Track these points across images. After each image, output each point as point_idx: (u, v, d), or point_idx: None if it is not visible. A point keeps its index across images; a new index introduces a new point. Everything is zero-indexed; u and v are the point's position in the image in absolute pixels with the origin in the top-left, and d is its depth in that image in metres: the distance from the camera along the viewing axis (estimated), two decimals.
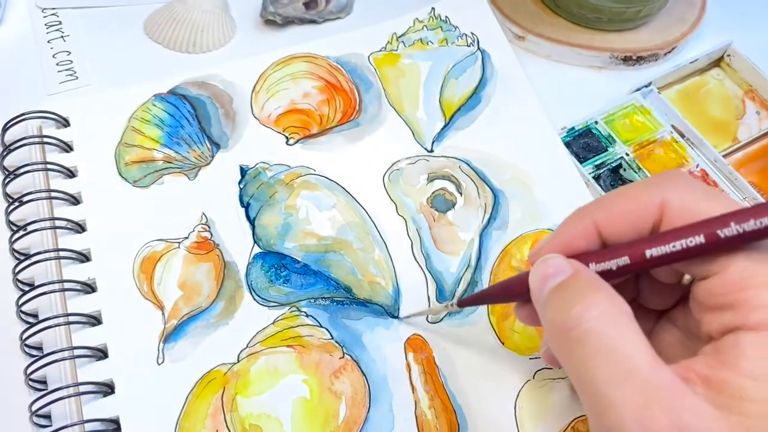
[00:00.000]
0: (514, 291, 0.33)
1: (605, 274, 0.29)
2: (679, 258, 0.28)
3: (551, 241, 0.31)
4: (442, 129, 0.49)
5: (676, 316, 0.33)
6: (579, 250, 0.30)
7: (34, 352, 0.39)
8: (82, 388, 0.37)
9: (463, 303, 0.37)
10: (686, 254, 0.27)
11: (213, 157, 0.46)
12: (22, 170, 0.44)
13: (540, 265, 0.30)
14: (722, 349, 0.26)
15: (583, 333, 0.26)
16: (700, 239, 0.27)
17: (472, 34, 0.53)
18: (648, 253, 0.28)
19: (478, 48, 0.53)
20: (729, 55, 0.53)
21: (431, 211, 0.45)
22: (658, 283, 0.33)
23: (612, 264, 0.29)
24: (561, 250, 0.30)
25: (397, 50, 0.52)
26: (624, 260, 0.29)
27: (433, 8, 0.55)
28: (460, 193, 0.46)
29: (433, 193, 0.46)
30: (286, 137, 0.48)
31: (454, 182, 0.46)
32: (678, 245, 0.27)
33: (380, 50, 0.52)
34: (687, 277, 0.31)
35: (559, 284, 0.28)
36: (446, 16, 0.54)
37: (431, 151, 0.48)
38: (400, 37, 0.53)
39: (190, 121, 0.48)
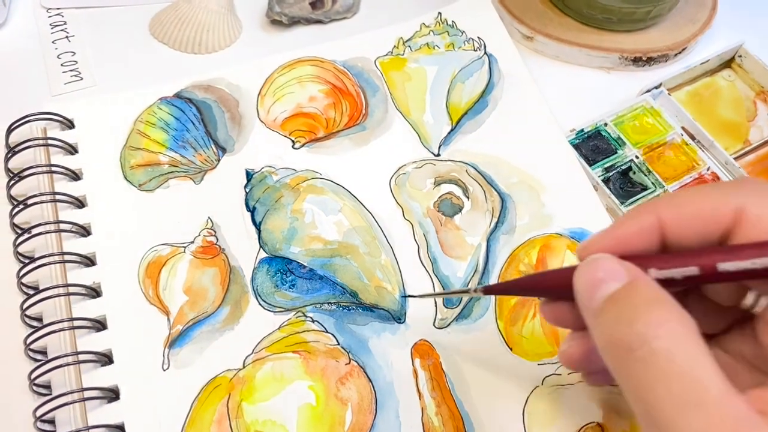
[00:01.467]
0: (549, 287, 0.30)
1: (663, 284, 0.25)
2: (755, 276, 0.24)
3: (606, 234, 0.28)
4: (449, 133, 0.48)
5: (728, 341, 0.30)
6: (635, 249, 0.27)
7: (39, 357, 0.39)
8: (87, 394, 0.37)
9: (489, 290, 0.33)
10: (766, 273, 0.24)
11: (219, 160, 0.46)
12: (26, 172, 0.43)
13: (589, 266, 0.27)
14: None
15: (649, 354, 0.23)
16: None
17: (479, 38, 0.53)
18: (721, 266, 0.25)
19: (485, 52, 0.52)
20: (740, 56, 0.52)
21: (438, 216, 0.45)
22: (712, 303, 0.29)
23: (676, 273, 0.26)
24: (615, 246, 0.27)
25: (403, 54, 0.52)
26: (692, 270, 0.25)
27: (439, 13, 0.54)
28: (467, 197, 0.45)
29: (439, 197, 0.45)
30: (293, 141, 0.47)
31: (461, 186, 0.46)
32: (759, 263, 0.24)
33: (387, 54, 0.52)
34: (748, 301, 0.28)
35: (616, 293, 0.25)
36: (453, 21, 0.54)
37: (438, 155, 0.47)
38: (406, 41, 0.53)
39: (196, 125, 0.47)
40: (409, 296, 0.41)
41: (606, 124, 0.49)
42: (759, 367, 0.28)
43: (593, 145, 0.48)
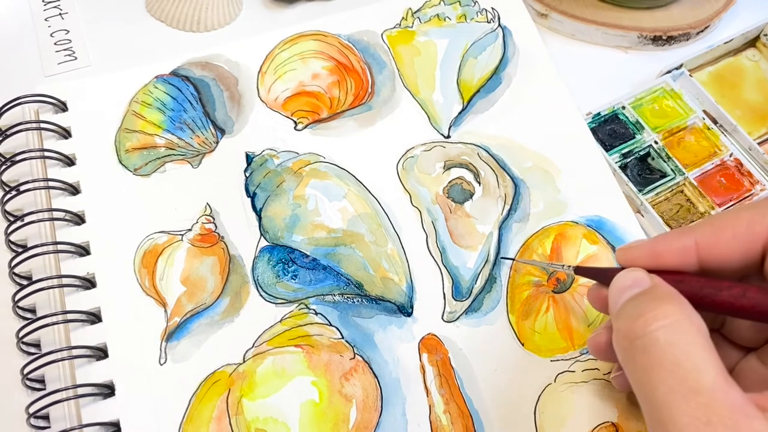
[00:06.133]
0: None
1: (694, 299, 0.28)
2: None
3: (645, 245, 0.31)
4: (460, 113, 0.46)
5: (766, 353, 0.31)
6: (670, 261, 0.29)
7: (32, 350, 0.38)
8: (81, 390, 0.36)
9: (580, 271, 0.35)
10: None
11: (217, 143, 0.44)
12: (18, 157, 0.42)
13: (619, 278, 0.30)
14: None
15: (649, 342, 0.25)
16: None
17: (493, 9, 0.50)
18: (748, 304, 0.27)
19: (499, 24, 0.50)
20: (766, 35, 0.50)
21: (448, 202, 0.43)
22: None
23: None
24: (650, 258, 0.30)
25: (412, 27, 0.50)
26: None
27: None
28: (479, 183, 0.43)
29: (449, 182, 0.44)
30: (295, 122, 0.45)
31: (472, 171, 0.44)
32: None
33: (394, 27, 0.50)
34: None
35: (635, 295, 0.28)
36: None
37: (448, 136, 0.45)
38: (415, 12, 0.50)
39: (194, 105, 0.45)
40: (504, 258, 0.41)
41: (624, 108, 0.47)
42: None
43: (610, 130, 0.46)
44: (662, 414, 0.24)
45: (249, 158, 0.44)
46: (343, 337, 0.39)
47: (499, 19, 0.50)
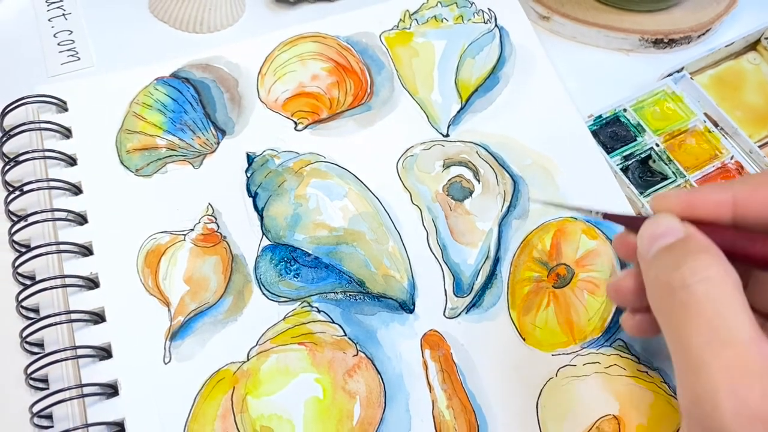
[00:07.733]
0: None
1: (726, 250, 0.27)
2: None
3: (680, 193, 0.30)
4: (459, 112, 0.47)
5: None
6: (705, 213, 0.29)
7: (36, 350, 0.38)
8: (86, 390, 0.36)
9: (609, 217, 0.33)
10: None
11: (218, 144, 0.44)
12: (22, 157, 0.42)
13: (651, 223, 0.29)
14: None
15: (688, 294, 0.26)
16: None
17: (489, 10, 0.51)
18: None
19: (496, 25, 0.50)
20: (767, 38, 0.50)
21: (447, 200, 0.43)
22: None
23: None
24: (685, 207, 0.29)
25: (410, 28, 0.50)
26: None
27: None
28: (478, 180, 0.44)
29: (449, 180, 0.44)
30: (295, 122, 0.46)
31: (471, 169, 0.44)
32: None
33: (392, 29, 0.50)
34: None
35: (671, 244, 0.28)
36: None
37: (447, 135, 0.46)
38: (413, 14, 0.51)
39: (194, 106, 0.46)
40: (533, 200, 0.41)
41: (625, 110, 0.47)
42: None
43: (611, 132, 0.46)
44: (697, 366, 0.25)
45: (250, 159, 0.44)
46: (345, 335, 0.39)
47: (495, 19, 0.50)
